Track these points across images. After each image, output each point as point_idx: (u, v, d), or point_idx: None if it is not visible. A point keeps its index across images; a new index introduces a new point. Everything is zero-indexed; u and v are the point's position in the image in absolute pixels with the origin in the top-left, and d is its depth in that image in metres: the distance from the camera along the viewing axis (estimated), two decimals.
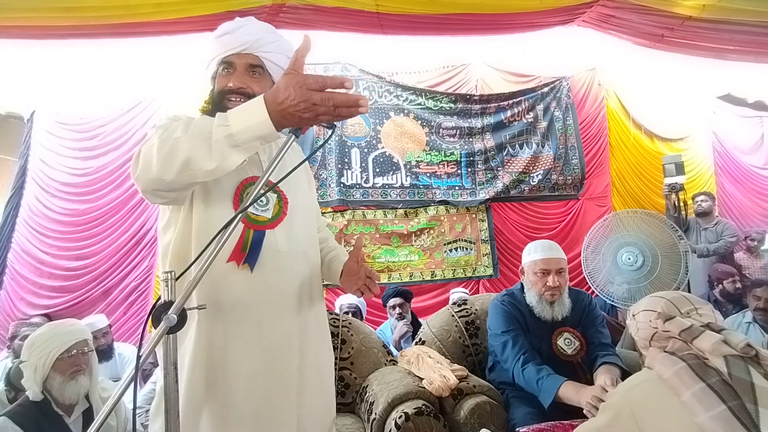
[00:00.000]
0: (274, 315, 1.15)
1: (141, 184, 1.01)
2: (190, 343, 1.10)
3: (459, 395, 1.88)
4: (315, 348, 1.24)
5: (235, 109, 0.93)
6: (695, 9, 3.62)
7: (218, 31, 1.22)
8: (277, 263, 1.17)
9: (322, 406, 1.26)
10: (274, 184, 1.06)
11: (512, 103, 4.96)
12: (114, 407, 0.81)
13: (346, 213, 4.47)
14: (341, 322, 2.40)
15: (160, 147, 0.95)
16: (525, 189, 4.91)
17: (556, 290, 2.01)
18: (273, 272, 1.16)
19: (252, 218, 1.16)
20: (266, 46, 1.20)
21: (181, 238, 1.13)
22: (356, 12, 3.20)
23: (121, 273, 4.00)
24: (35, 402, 1.79)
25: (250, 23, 1.22)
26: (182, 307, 0.89)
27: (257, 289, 1.13)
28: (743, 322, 2.96)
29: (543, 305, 2.02)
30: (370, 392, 2.04)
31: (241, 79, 1.17)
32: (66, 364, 1.81)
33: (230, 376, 1.10)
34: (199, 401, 1.09)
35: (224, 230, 0.95)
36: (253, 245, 1.14)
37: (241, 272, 1.12)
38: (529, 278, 2.09)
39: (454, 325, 2.42)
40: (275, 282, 1.16)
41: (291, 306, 1.18)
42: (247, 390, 1.10)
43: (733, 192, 5.78)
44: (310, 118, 0.87)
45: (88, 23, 2.79)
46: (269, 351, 1.13)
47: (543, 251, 2.07)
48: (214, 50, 1.21)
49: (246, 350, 1.11)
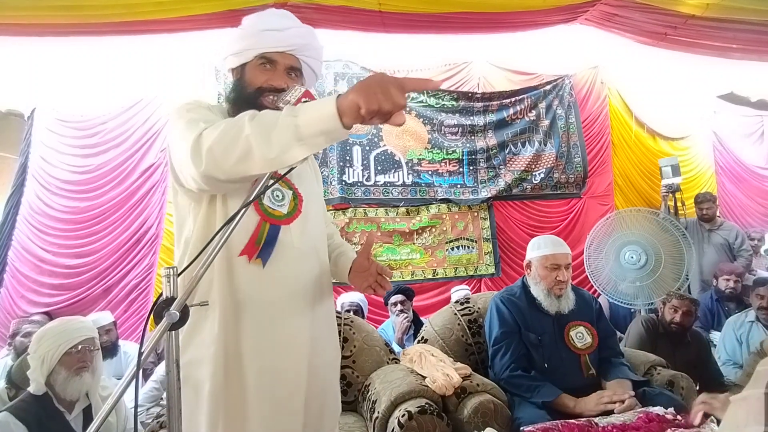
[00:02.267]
0: (287, 312, 1.14)
1: (202, 174, 0.97)
2: (212, 336, 1.09)
3: (462, 394, 1.87)
4: (324, 345, 1.23)
5: (307, 103, 0.91)
6: (699, 8, 3.60)
7: (263, 23, 1.17)
8: (291, 260, 1.16)
9: (330, 404, 1.25)
10: (281, 176, 1.05)
11: (514, 101, 4.94)
12: (114, 406, 0.80)
13: (347, 211, 4.45)
14: (343, 320, 2.39)
15: (224, 134, 0.93)
16: (527, 187, 4.90)
17: (564, 284, 2.07)
18: (286, 268, 1.15)
19: (269, 212, 1.14)
20: (309, 51, 1.21)
21: (203, 232, 1.12)
22: (359, 11, 3.19)
23: (122, 271, 3.98)
24: (37, 397, 1.80)
25: (299, 25, 1.21)
26: (184, 303, 0.88)
27: (270, 284, 1.12)
28: (746, 321, 2.95)
29: (551, 299, 2.07)
30: (373, 390, 2.03)
31: (284, 78, 1.16)
32: (73, 359, 1.83)
33: (244, 372, 1.09)
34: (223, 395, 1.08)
35: (228, 224, 0.94)
36: (268, 239, 1.13)
37: (252, 266, 1.11)
38: (538, 272, 2.12)
39: (456, 324, 2.41)
40: (288, 278, 1.15)
41: (303, 303, 1.17)
42: (258, 386, 1.10)
43: (733, 191, 5.77)
44: (374, 111, 0.83)
45: (89, 21, 2.77)
46: (281, 348, 1.13)
47: (554, 246, 2.14)
48: (254, 42, 1.16)
49: (258, 346, 1.11)
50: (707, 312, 3.77)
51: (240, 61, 1.19)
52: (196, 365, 1.08)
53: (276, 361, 1.11)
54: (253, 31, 1.17)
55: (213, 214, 1.11)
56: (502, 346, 2.03)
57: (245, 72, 1.18)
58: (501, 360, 2.02)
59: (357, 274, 1.23)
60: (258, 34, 1.16)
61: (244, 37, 1.18)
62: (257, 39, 1.16)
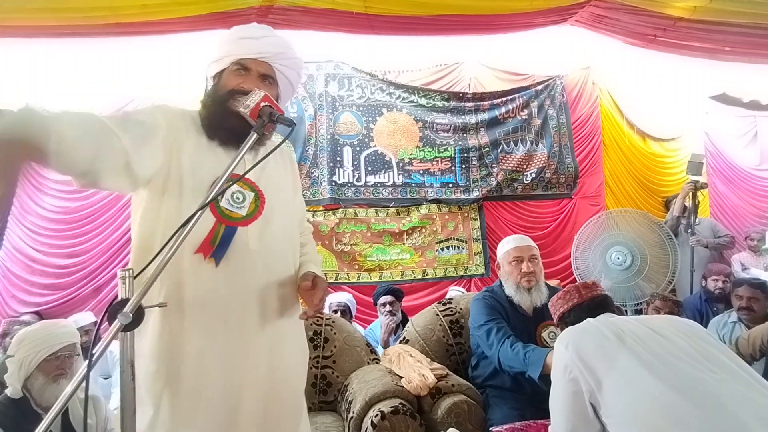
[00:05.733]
0: (241, 313, 1.15)
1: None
2: (153, 333, 1.10)
3: (437, 394, 1.88)
4: (286, 348, 1.24)
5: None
6: (686, 11, 3.61)
7: (240, 32, 1.26)
8: (245, 261, 1.17)
9: (290, 407, 1.27)
10: (240, 177, 1.09)
11: (506, 100, 4.95)
12: (62, 410, 0.81)
13: (337, 211, 4.47)
14: (324, 320, 2.40)
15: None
16: (518, 188, 4.91)
17: (532, 276, 2.08)
18: (240, 269, 1.16)
19: (225, 214, 1.16)
20: (283, 61, 1.27)
21: (148, 230, 1.14)
22: (345, 13, 3.20)
23: (112, 271, 4.00)
24: (14, 400, 1.79)
25: (274, 35, 1.28)
26: (139, 304, 0.90)
27: (222, 285, 1.14)
28: (728, 322, 2.95)
29: (521, 293, 2.08)
30: (350, 391, 2.04)
31: (256, 83, 1.20)
32: (51, 366, 1.81)
33: (193, 372, 1.10)
34: (159, 390, 1.09)
35: (183, 227, 0.96)
36: (222, 240, 1.14)
37: (206, 265, 1.13)
38: (505, 270, 2.17)
39: (438, 324, 2.42)
40: (241, 279, 1.16)
41: (259, 305, 1.18)
42: (210, 386, 1.11)
43: (725, 192, 5.76)
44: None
45: (74, 23, 2.78)
46: (236, 350, 1.14)
47: (514, 241, 2.21)
48: (231, 49, 1.24)
49: (211, 347, 1.12)
50: (696, 312, 3.78)
51: (218, 68, 1.25)
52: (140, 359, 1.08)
53: (231, 362, 1.12)
54: (231, 39, 1.26)
55: (160, 213, 1.13)
56: (492, 327, 1.97)
57: (222, 78, 1.24)
58: (497, 335, 1.94)
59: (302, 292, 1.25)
60: (235, 41, 1.25)
61: (223, 45, 1.26)
62: (234, 46, 1.24)
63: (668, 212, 4.52)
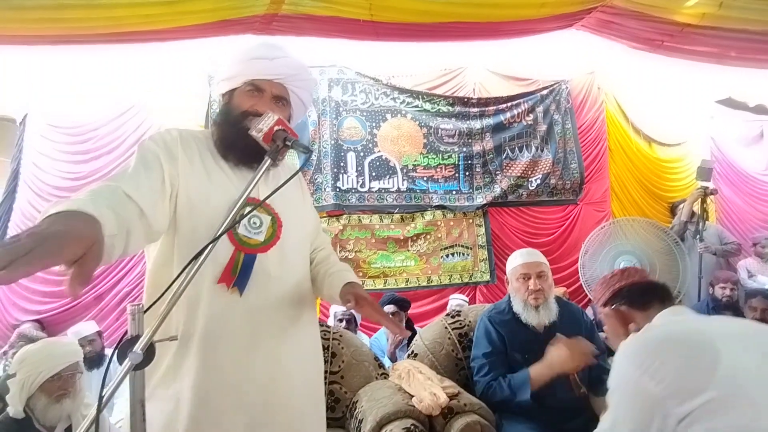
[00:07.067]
0: (265, 341, 1.12)
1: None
2: (192, 366, 1.06)
3: (449, 414, 1.84)
4: (305, 372, 1.22)
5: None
6: (695, 17, 3.57)
7: (254, 52, 1.21)
8: (269, 288, 1.14)
9: (310, 426, 1.23)
10: (260, 203, 1.03)
11: (511, 105, 4.91)
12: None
13: (341, 218, 4.43)
14: (332, 334, 2.36)
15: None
16: (523, 194, 4.87)
17: (539, 294, 2.04)
18: (264, 297, 1.13)
19: (243, 241, 1.12)
20: (297, 83, 1.24)
21: (162, 261, 1.10)
22: (350, 20, 3.15)
23: (114, 278, 3.97)
24: (17, 419, 1.76)
25: (288, 56, 1.24)
26: (150, 342, 0.86)
27: (247, 314, 1.10)
28: None
29: (528, 311, 2.04)
30: (360, 408, 2.00)
31: (269, 106, 1.18)
32: (54, 386, 1.79)
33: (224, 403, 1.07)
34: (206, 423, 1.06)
35: (196, 258, 0.92)
36: (243, 268, 1.11)
37: (230, 296, 1.09)
38: (513, 286, 2.13)
39: (447, 338, 2.37)
40: (266, 307, 1.13)
41: (281, 331, 1.15)
42: (237, 414, 1.08)
43: (731, 197, 5.73)
44: None
45: (76, 33, 2.74)
46: (260, 377, 1.11)
47: (522, 257, 2.14)
48: (244, 68, 1.20)
49: (237, 376, 1.09)
50: None
51: (230, 86, 1.22)
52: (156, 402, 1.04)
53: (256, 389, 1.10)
54: (244, 58, 1.21)
55: (173, 244, 1.09)
56: (486, 365, 2.02)
57: (234, 97, 1.21)
58: (485, 377, 2.00)
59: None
60: (248, 61, 1.20)
61: (235, 63, 1.22)
62: (247, 65, 1.20)
63: (675, 217, 4.49)
